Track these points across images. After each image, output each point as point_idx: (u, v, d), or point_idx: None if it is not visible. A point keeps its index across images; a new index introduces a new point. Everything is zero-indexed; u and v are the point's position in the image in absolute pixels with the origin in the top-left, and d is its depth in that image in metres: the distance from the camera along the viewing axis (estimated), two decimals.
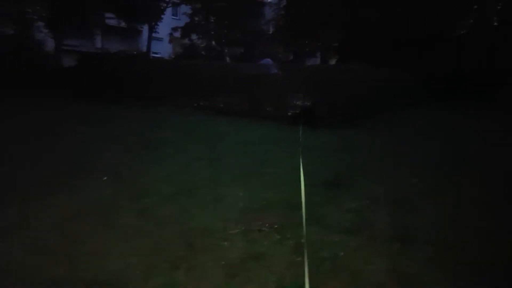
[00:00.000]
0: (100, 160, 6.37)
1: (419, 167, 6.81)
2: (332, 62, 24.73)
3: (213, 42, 26.75)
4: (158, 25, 23.78)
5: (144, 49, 24.22)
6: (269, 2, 28.03)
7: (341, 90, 10.67)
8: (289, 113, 11.77)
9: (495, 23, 20.21)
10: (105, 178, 5.40)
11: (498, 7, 20.08)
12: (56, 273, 3.01)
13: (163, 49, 29.59)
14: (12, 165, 5.95)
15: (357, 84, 10.82)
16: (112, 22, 23.95)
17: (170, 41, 28.39)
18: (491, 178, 6.06)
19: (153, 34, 24.05)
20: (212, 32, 26.20)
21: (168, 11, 25.81)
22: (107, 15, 22.74)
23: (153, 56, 24.45)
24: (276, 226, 4.02)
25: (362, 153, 7.86)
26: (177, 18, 31.48)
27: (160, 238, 3.70)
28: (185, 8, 27.64)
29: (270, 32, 27.21)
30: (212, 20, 26.14)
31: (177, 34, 27.23)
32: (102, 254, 3.36)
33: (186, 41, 27.13)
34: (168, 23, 27.22)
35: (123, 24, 23.68)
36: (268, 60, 14.41)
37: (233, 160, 6.77)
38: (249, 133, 9.45)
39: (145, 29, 25.55)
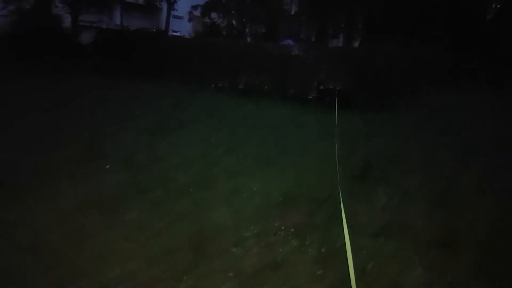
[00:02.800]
0: (112, 144, 6.00)
1: (451, 156, 6.20)
2: (356, 43, 23.72)
3: (234, 21, 25.97)
4: (177, 2, 23.19)
5: (163, 27, 23.69)
6: None
7: (367, 71, 9.99)
8: (314, 95, 11.18)
9: None
10: (108, 166, 5.01)
11: None
12: (49, 282, 2.65)
13: (183, 28, 29.02)
14: (18, 148, 5.61)
15: (384, 64, 10.10)
16: None
17: (190, 20, 27.65)
18: None
19: (173, 12, 23.49)
20: (233, 11, 25.41)
21: None
22: None
23: (172, 34, 23.92)
24: (293, 230, 3.56)
25: (391, 139, 7.26)
26: None
27: (166, 240, 3.31)
28: None
29: (292, 12, 26.21)
30: None
31: (197, 13, 26.53)
32: (100, 258, 2.99)
33: (207, 19, 26.43)
34: (188, 1, 26.57)
35: (141, 1, 23.17)
36: (290, 41, 13.74)
37: (255, 147, 6.31)
38: (272, 116, 8.96)
39: (165, 7, 25.01)
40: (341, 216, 3.86)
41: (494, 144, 6.96)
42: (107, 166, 4.97)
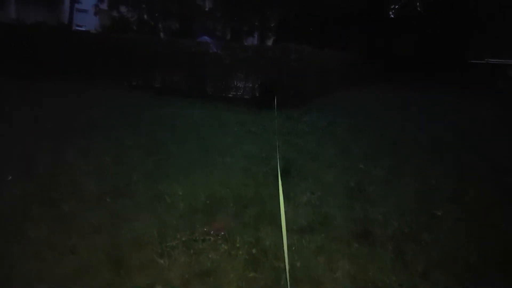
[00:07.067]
0: (10, 150, 5.29)
1: (368, 150, 6.66)
2: (270, 42, 24.35)
3: (145, 16, 24.86)
4: None
5: (66, 21, 21.77)
6: None
7: (286, 70, 10.26)
8: (234, 94, 11.19)
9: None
10: (10, 177, 4.38)
11: None
12: None
13: (88, 22, 26.95)
14: None
15: (302, 64, 10.47)
16: None
17: (96, 13, 25.75)
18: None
19: (76, 5, 21.73)
20: (143, 5, 24.29)
21: None
22: None
23: (77, 29, 22.10)
24: (223, 233, 3.44)
25: (311, 136, 7.54)
26: None
27: (81, 257, 2.95)
28: None
29: (207, 9, 25.92)
30: None
31: (104, 6, 24.85)
32: (3, 283, 2.57)
33: (115, 13, 24.89)
34: None
35: None
36: (206, 38, 13.56)
37: (175, 148, 6.01)
38: (191, 116, 8.69)
39: None
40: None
41: (401, 139, 7.63)
42: (10, 178, 4.34)
